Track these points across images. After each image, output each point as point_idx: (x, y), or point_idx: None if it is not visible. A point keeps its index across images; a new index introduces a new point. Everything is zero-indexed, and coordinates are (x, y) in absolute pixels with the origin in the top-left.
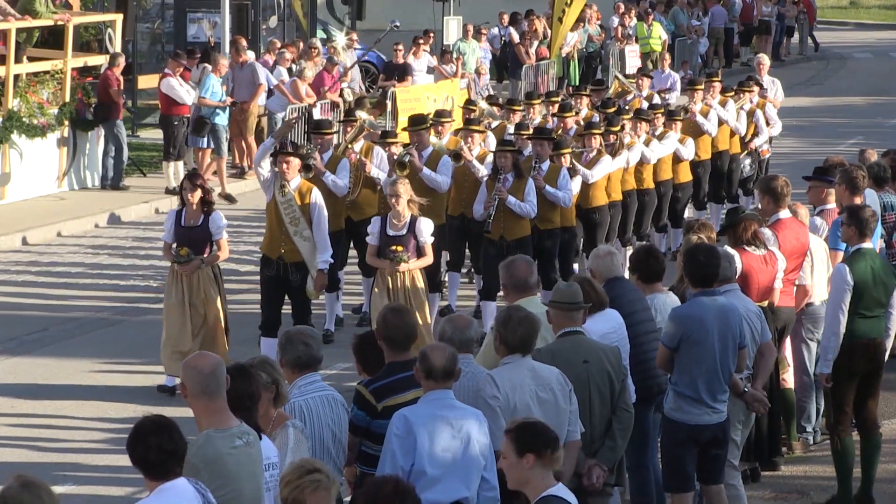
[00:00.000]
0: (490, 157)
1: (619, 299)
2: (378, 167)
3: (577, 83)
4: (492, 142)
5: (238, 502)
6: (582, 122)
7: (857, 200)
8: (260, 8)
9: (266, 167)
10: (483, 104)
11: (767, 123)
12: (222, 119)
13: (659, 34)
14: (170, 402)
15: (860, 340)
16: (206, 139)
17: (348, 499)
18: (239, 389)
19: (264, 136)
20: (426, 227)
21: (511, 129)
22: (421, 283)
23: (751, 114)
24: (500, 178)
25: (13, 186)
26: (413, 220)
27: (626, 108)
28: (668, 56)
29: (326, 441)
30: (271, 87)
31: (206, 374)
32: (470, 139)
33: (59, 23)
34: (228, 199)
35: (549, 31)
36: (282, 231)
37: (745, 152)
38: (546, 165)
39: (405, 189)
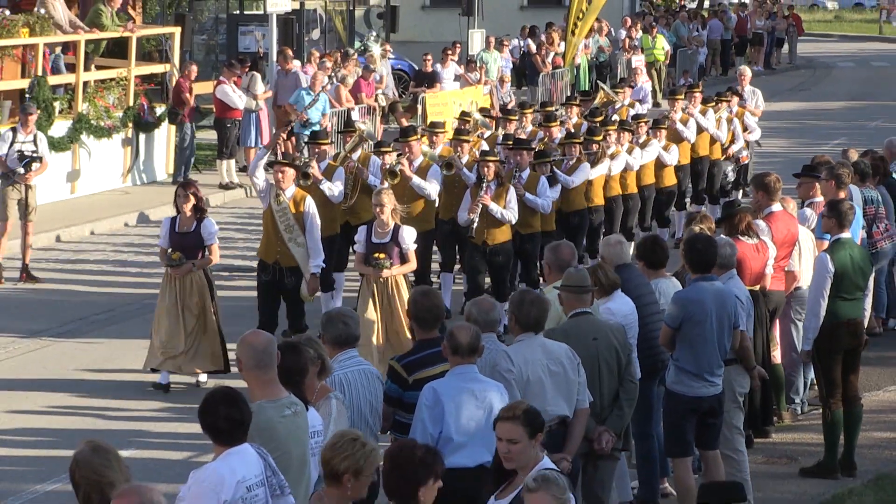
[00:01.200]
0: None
1: (627, 284)
2: (374, 175)
3: (588, 88)
4: (486, 148)
5: (287, 465)
6: (573, 130)
7: (842, 195)
8: (304, 22)
9: (261, 177)
10: (477, 115)
11: (746, 130)
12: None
13: (662, 45)
14: (163, 397)
15: (842, 321)
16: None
17: None
18: (289, 364)
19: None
20: (409, 235)
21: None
22: (404, 289)
23: (729, 122)
24: (484, 186)
25: (82, 182)
26: (396, 228)
27: (615, 117)
28: (641, 70)
29: (364, 411)
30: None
31: (260, 350)
32: (460, 148)
33: (124, 35)
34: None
35: (563, 43)
36: (277, 237)
37: (725, 157)
38: (526, 174)
39: (389, 199)
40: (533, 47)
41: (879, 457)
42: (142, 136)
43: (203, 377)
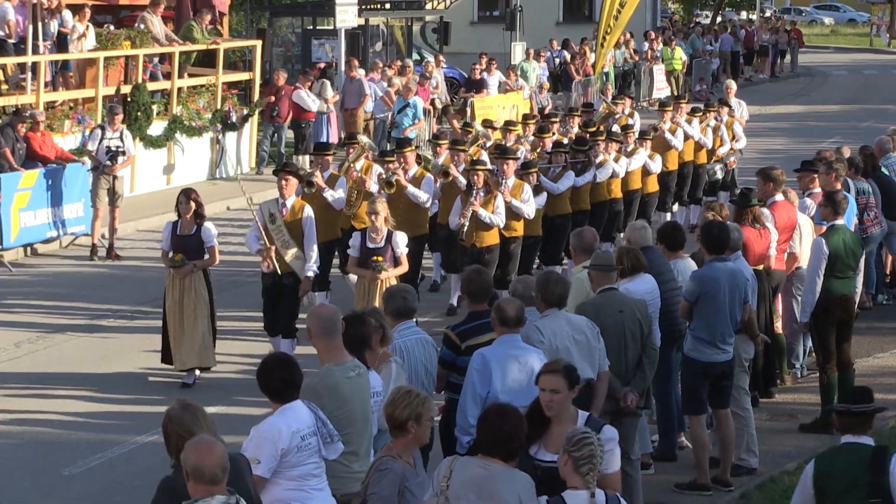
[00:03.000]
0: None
1: (650, 263)
2: (376, 183)
3: (615, 95)
4: (485, 157)
5: (352, 420)
6: (573, 139)
7: (838, 186)
8: (368, 35)
9: (254, 247)
10: (478, 126)
11: (734, 138)
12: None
13: (680, 56)
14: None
15: (835, 296)
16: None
17: (438, 418)
18: (354, 333)
19: (370, 134)
20: (401, 240)
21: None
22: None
23: (716, 129)
24: (474, 192)
25: (176, 174)
26: (389, 234)
27: (615, 127)
28: (609, 88)
29: (420, 373)
30: (375, 97)
31: (326, 319)
32: (457, 157)
33: (212, 47)
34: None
35: (593, 54)
36: (276, 252)
37: (715, 159)
38: (511, 181)
39: (383, 207)
40: (567, 58)
41: None
42: (228, 135)
43: (197, 372)
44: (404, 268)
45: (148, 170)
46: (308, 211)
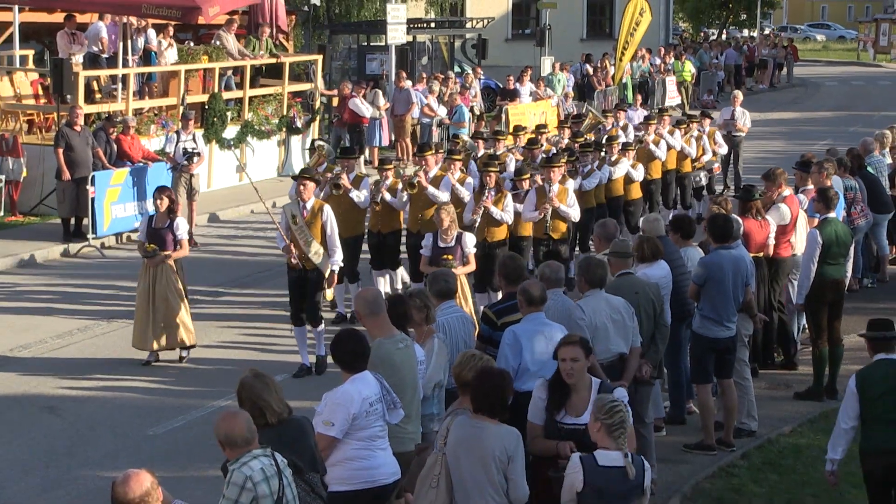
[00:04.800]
0: (469, 179)
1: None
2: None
3: (631, 102)
4: (472, 167)
5: (403, 386)
6: (564, 149)
7: (828, 183)
8: (416, 50)
9: (281, 245)
10: (466, 137)
11: (716, 144)
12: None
13: (689, 68)
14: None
15: (828, 280)
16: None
17: None
18: (396, 311)
19: (417, 138)
20: (470, 241)
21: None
22: (466, 285)
23: (698, 139)
24: (486, 191)
25: (247, 172)
26: (459, 235)
27: (606, 136)
28: (639, 97)
29: (460, 347)
30: (421, 105)
31: (370, 301)
32: (452, 166)
33: (279, 61)
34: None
35: (612, 67)
36: (300, 250)
37: (698, 167)
38: (557, 187)
39: (447, 214)
40: (590, 70)
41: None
42: (292, 138)
43: (184, 353)
44: (472, 266)
45: (223, 168)
46: (327, 211)
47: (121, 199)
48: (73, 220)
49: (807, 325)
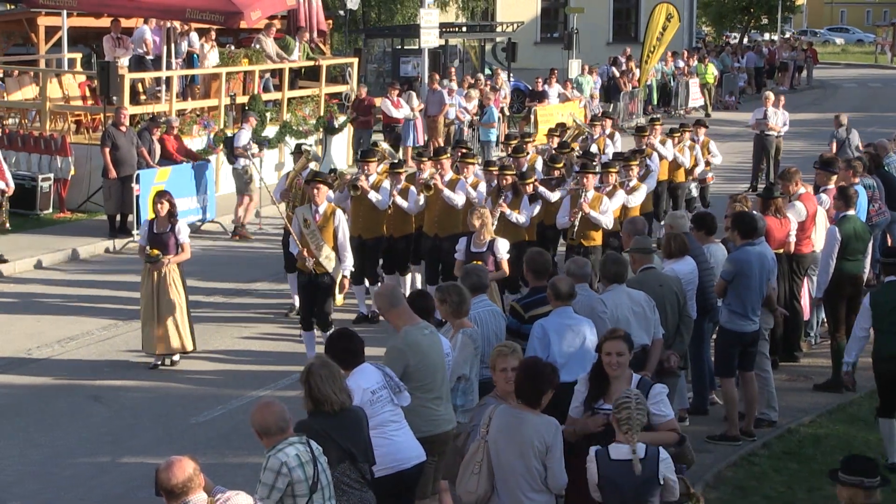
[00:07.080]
0: (481, 185)
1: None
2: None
3: (656, 104)
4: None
5: (433, 370)
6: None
7: (856, 181)
8: (448, 54)
9: (294, 250)
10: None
11: (709, 153)
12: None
13: (712, 71)
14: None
15: (847, 275)
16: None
17: None
18: (418, 306)
19: (451, 138)
20: (503, 246)
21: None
22: (496, 290)
23: (691, 149)
24: (503, 195)
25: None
26: (492, 241)
27: (594, 147)
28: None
29: (491, 339)
30: (458, 108)
31: (388, 295)
32: (465, 169)
33: (316, 64)
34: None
35: (638, 69)
36: (311, 254)
37: (691, 178)
38: (591, 194)
39: (479, 217)
40: (616, 73)
41: (873, 376)
42: (329, 138)
43: (176, 357)
44: (504, 272)
45: (262, 166)
46: (339, 216)
47: None
48: (118, 217)
49: (825, 319)
